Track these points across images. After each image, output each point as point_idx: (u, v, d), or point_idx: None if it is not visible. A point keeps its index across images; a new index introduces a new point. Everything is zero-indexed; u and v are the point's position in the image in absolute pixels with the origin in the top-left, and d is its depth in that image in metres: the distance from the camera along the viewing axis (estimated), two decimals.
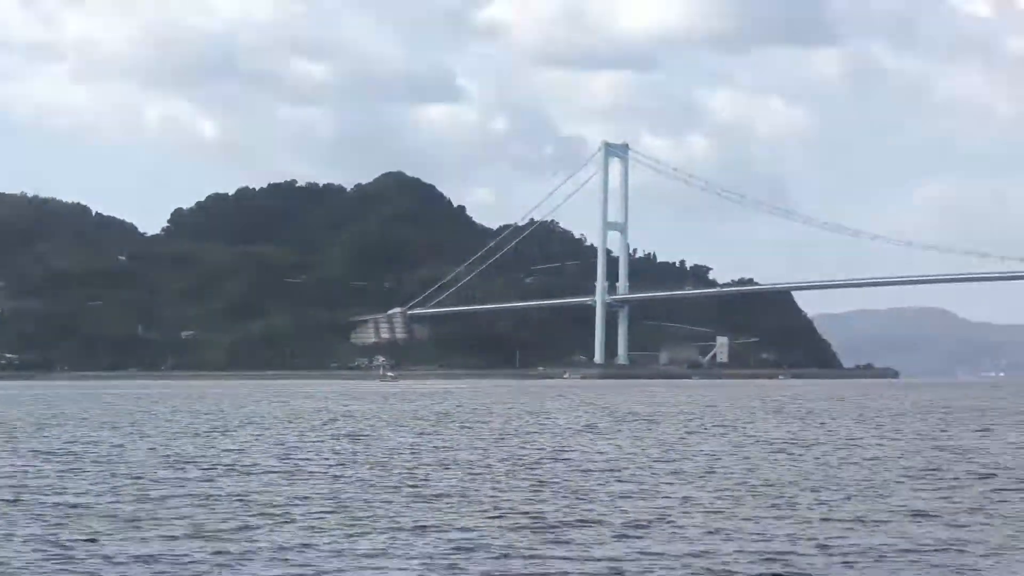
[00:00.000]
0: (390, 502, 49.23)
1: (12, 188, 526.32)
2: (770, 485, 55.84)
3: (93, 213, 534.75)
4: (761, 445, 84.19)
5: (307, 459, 73.02)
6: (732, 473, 61.49)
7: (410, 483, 57.08)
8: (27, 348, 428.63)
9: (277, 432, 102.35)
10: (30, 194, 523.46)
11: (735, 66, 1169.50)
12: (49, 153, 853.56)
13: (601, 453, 76.57)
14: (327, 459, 73.15)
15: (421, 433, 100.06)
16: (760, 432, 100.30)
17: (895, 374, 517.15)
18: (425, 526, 41.84)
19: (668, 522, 42.82)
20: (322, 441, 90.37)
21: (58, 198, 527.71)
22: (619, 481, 58.22)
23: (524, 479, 58.91)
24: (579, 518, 43.07)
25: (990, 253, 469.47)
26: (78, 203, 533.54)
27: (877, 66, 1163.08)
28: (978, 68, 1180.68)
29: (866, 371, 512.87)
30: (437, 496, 51.12)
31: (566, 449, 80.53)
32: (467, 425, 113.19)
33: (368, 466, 66.99)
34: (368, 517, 44.37)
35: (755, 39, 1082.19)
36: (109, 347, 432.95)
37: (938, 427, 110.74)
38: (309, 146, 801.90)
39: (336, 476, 61.26)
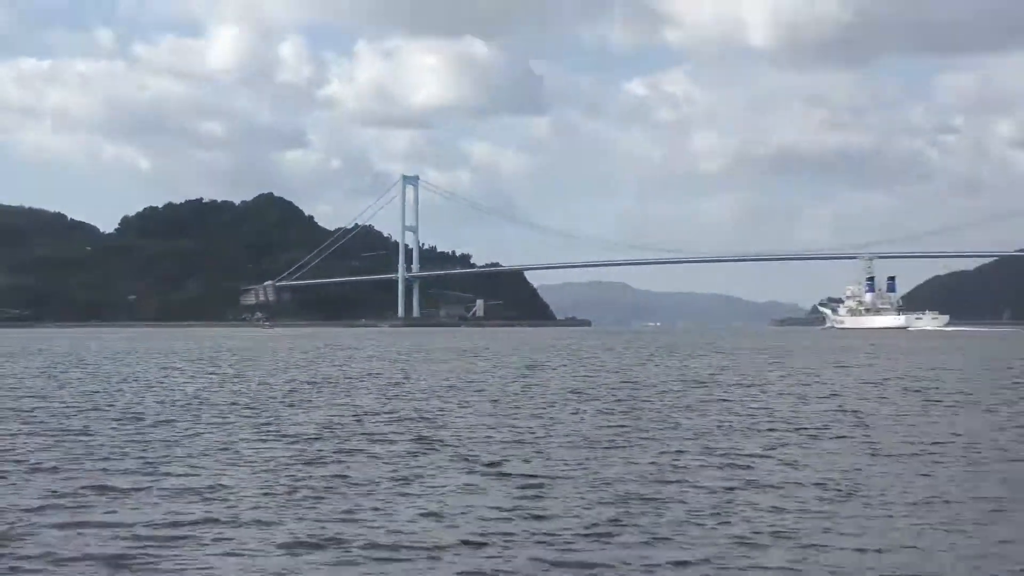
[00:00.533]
0: (266, 407, 48.11)
1: (15, 201, 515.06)
2: (510, 395, 55.77)
3: (68, 219, 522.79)
4: (507, 368, 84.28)
5: (216, 373, 71.22)
6: (485, 389, 60.96)
7: (279, 394, 56.02)
8: (25, 307, 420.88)
9: (194, 357, 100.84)
10: (27, 206, 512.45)
11: (485, 127, 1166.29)
12: (39, 179, 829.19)
13: (400, 372, 76.27)
14: (228, 374, 71.48)
15: (289, 360, 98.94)
16: (507, 361, 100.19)
17: (589, 323, 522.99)
18: (293, 420, 40.97)
19: (446, 420, 42.28)
20: (222, 364, 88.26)
21: (45, 208, 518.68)
22: (410, 389, 57.69)
23: (350, 390, 58.12)
24: (387, 412, 42.99)
25: (650, 246, 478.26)
26: (58, 212, 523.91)
27: (576, 128, 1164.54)
28: (640, 129, 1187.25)
29: (571, 321, 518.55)
30: (302, 401, 50.35)
31: (379, 371, 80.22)
32: (316, 358, 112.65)
33: (255, 381, 65.74)
34: (253, 417, 43.16)
35: (497, 109, 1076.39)
36: (81, 307, 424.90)
37: (616, 358, 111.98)
38: (213, 176, 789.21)
39: (231, 388, 59.95)
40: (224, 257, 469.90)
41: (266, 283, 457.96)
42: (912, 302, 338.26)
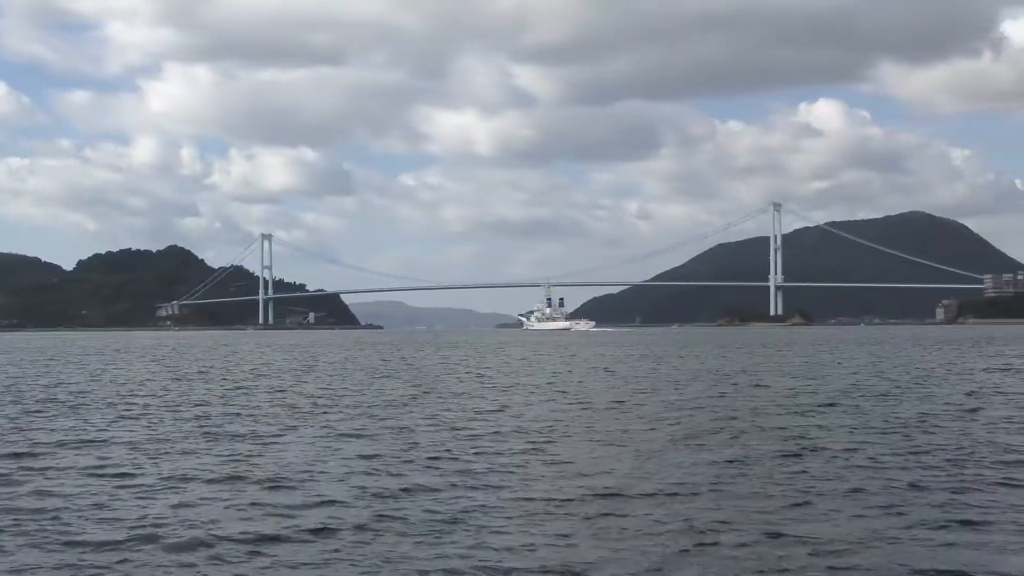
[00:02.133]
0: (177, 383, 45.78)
1: (7, 250, 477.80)
2: (329, 381, 54.08)
3: (43, 260, 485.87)
4: (327, 357, 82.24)
5: (125, 358, 68.18)
6: (300, 367, 59.54)
7: (174, 371, 53.63)
8: (15, 318, 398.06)
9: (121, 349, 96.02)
10: (15, 252, 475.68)
11: (314, 203, 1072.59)
12: (24, 234, 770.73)
13: (263, 362, 74.90)
14: (145, 358, 68.56)
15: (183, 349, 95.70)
16: (329, 352, 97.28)
17: (382, 327, 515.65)
18: (193, 393, 38.77)
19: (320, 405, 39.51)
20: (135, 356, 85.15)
21: (27, 254, 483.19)
22: (268, 374, 54.86)
23: (246, 371, 56.04)
24: (261, 389, 40.83)
25: (418, 278, 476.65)
26: (36, 256, 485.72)
27: (371, 204, 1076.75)
28: (411, 205, 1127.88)
29: (370, 326, 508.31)
30: (189, 375, 47.69)
31: (253, 359, 78.48)
32: (193, 352, 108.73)
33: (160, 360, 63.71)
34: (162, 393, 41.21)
35: (321, 192, 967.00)
36: (51, 319, 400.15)
37: (395, 350, 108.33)
38: (137, 233, 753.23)
39: (145, 367, 56.99)
40: (145, 285, 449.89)
41: (173, 302, 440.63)
42: (575, 314, 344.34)
